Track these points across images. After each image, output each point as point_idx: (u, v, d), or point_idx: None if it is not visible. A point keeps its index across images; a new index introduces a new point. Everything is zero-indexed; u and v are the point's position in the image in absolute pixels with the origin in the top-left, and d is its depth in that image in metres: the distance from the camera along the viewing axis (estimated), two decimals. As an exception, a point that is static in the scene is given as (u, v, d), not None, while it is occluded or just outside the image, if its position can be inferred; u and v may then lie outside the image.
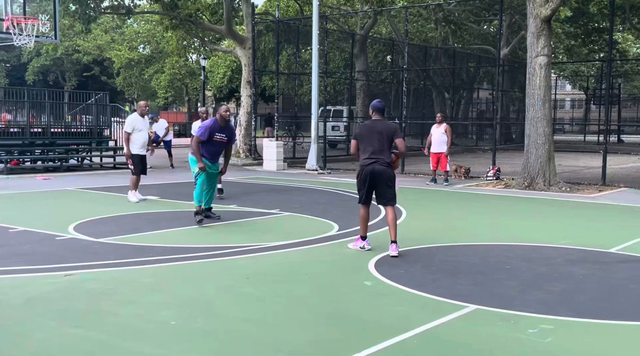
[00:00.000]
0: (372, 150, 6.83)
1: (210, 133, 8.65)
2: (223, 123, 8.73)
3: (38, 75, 51.79)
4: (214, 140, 8.72)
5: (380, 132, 6.83)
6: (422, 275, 6.02)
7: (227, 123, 8.78)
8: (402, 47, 21.89)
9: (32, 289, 5.38)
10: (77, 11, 19.82)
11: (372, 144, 6.84)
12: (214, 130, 8.68)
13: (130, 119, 10.91)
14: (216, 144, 8.79)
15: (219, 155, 9.02)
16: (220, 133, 8.73)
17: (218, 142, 8.78)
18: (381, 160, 6.82)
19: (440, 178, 14.62)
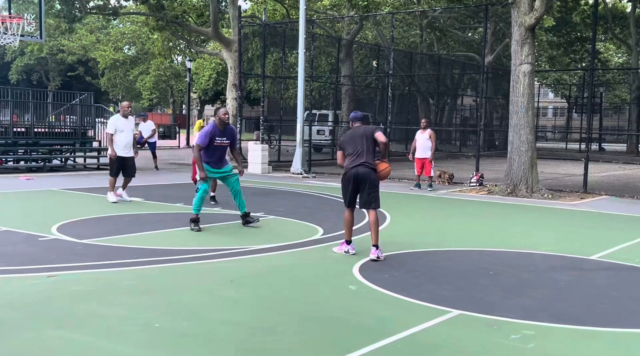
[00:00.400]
0: (355, 153, 6.95)
1: (210, 138, 8.45)
2: (222, 126, 8.53)
3: (22, 75, 51.29)
4: (215, 145, 8.53)
5: (361, 136, 7.01)
6: (405, 280, 6.06)
7: (226, 126, 8.58)
8: (388, 53, 22.01)
9: (13, 290, 5.33)
10: (62, 11, 19.68)
11: (355, 148, 6.97)
12: (214, 135, 8.47)
13: (112, 120, 10.84)
14: (219, 149, 8.60)
15: (221, 159, 8.76)
16: (221, 137, 8.53)
17: (220, 147, 8.59)
18: (365, 163, 6.93)
19: (424, 183, 14.70)
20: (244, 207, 8.77)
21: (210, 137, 8.46)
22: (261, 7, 27.53)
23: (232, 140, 8.73)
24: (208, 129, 8.59)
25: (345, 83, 26.91)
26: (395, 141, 28.04)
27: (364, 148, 6.96)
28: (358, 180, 6.94)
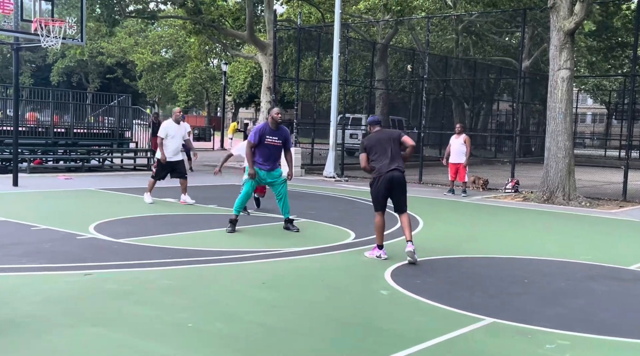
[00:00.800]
0: (387, 157, 6.94)
1: (260, 135, 8.39)
2: (274, 126, 8.44)
3: (62, 76, 52.55)
4: (265, 143, 8.42)
5: (388, 139, 7.05)
6: (438, 286, 6.00)
7: (278, 125, 8.48)
8: (423, 57, 21.88)
9: (52, 287, 5.45)
10: (102, 14, 20.10)
11: (384, 153, 6.96)
12: (264, 133, 8.40)
13: (164, 125, 10.99)
14: (269, 147, 8.46)
15: (274, 159, 8.61)
16: (272, 136, 8.42)
17: (271, 145, 8.45)
18: (400, 167, 6.98)
19: (458, 189, 14.55)
20: (288, 213, 8.72)
21: (260, 134, 8.39)
22: (296, 11, 27.69)
23: (284, 141, 8.59)
24: (259, 127, 8.57)
25: (380, 87, 26.84)
26: (429, 146, 27.82)
27: (394, 152, 6.97)
28: (393, 185, 6.92)
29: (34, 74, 53.83)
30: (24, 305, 4.90)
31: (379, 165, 6.96)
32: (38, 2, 11.95)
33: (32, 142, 17.24)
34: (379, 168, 6.96)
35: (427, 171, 18.52)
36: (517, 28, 27.55)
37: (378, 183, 6.99)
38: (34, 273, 5.91)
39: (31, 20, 11.78)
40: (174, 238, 7.85)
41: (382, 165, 6.94)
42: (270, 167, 8.57)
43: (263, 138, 8.41)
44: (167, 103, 60.33)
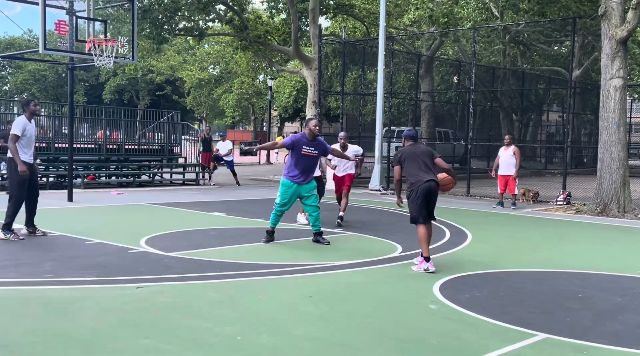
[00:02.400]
0: (422, 170, 7.11)
1: (294, 143, 8.37)
2: (311, 137, 8.45)
3: (114, 94, 54.18)
4: (302, 154, 8.38)
5: (422, 153, 7.25)
6: (488, 301, 5.89)
7: (315, 137, 8.47)
8: (469, 68, 21.65)
9: (105, 300, 5.60)
10: (151, 33, 20.68)
11: (419, 166, 7.14)
12: (300, 143, 8.39)
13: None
14: (306, 158, 8.43)
15: (311, 171, 8.58)
16: (309, 147, 8.42)
17: (307, 156, 8.43)
18: (435, 179, 7.14)
19: (507, 201, 14.28)
20: (318, 227, 8.69)
21: (294, 141, 8.40)
22: (341, 25, 27.85)
23: (322, 152, 8.74)
24: (296, 136, 8.58)
25: (425, 99, 26.66)
26: (477, 158, 27.43)
27: (428, 166, 7.16)
28: (430, 195, 7.07)
29: (87, 92, 55.70)
30: (81, 317, 5.04)
31: (415, 177, 7.10)
32: (92, 23, 12.38)
33: (85, 158, 17.79)
34: (414, 180, 7.09)
35: (475, 183, 18.24)
36: (566, 37, 26.97)
37: (417, 194, 7.05)
38: (90, 286, 6.08)
39: (85, 41, 12.19)
40: (222, 251, 7.95)
41: (417, 176, 7.09)
42: (304, 179, 8.51)
43: (299, 148, 8.38)
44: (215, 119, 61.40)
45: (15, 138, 8.16)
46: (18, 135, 8.18)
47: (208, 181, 19.18)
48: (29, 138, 8.37)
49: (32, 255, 7.43)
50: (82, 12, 12.35)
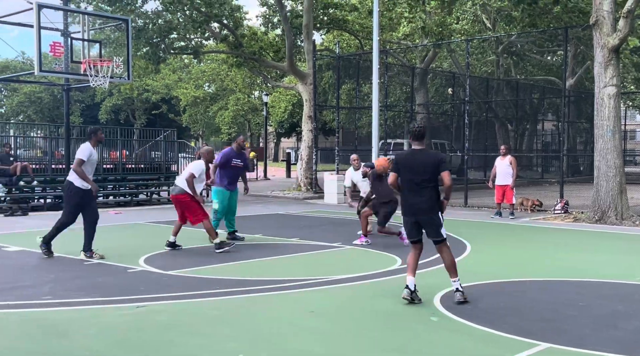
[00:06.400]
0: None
1: (226, 158, 9.86)
2: (239, 150, 10.04)
3: (110, 114, 54.18)
4: (231, 166, 9.88)
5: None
6: (489, 311, 5.88)
7: (241, 150, 10.06)
8: (464, 80, 21.78)
9: (105, 320, 5.58)
10: (147, 53, 20.78)
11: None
12: (230, 157, 9.91)
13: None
14: (235, 170, 9.98)
15: (237, 179, 10.17)
16: (237, 159, 9.96)
17: (236, 168, 9.97)
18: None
19: (505, 211, 14.30)
20: (233, 227, 10.14)
21: (227, 158, 9.87)
22: (335, 40, 28.03)
23: (245, 164, 10.17)
24: (226, 151, 10.07)
25: (420, 111, 26.77)
26: (474, 168, 27.47)
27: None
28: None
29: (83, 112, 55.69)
30: (81, 338, 5.02)
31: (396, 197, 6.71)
32: (87, 44, 12.46)
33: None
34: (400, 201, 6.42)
35: (472, 194, 18.26)
36: (559, 47, 27.18)
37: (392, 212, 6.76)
38: (89, 306, 6.05)
39: (80, 62, 12.27)
40: (221, 268, 7.94)
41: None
42: (234, 186, 10.12)
43: (229, 162, 9.89)
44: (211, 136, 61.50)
45: (80, 162, 8.26)
46: (84, 160, 8.29)
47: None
48: (92, 164, 8.58)
49: (31, 276, 7.40)
50: (77, 34, 12.43)
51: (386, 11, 22.79)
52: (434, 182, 6.09)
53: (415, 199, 6.10)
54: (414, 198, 6.11)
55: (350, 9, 24.99)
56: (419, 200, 6.08)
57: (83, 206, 8.52)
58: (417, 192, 6.08)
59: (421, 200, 6.07)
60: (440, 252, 6.27)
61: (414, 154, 6.16)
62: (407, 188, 6.15)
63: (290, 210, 15.90)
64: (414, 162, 6.10)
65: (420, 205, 6.08)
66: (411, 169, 6.09)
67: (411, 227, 6.23)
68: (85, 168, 8.39)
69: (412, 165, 6.09)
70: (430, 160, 6.08)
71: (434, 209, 6.11)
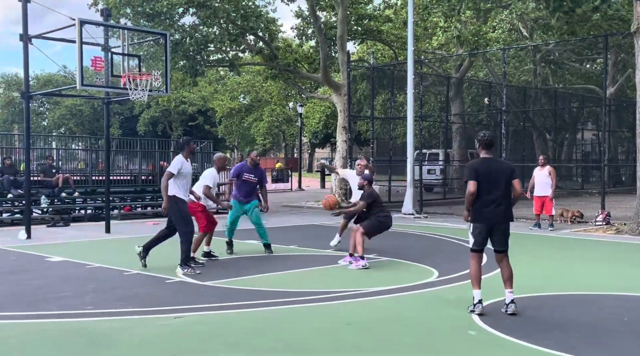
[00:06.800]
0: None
1: (238, 172, 9.84)
2: (252, 165, 9.88)
3: (148, 126, 55.19)
4: (243, 180, 9.79)
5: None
6: (529, 326, 5.76)
7: (256, 166, 9.90)
8: (500, 89, 21.53)
9: (146, 330, 5.66)
10: (185, 66, 21.13)
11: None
12: (242, 170, 9.85)
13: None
14: (247, 183, 9.86)
15: (251, 194, 9.99)
16: (249, 173, 9.84)
17: (248, 182, 9.84)
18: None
19: (544, 223, 14.03)
20: (266, 238, 10.07)
21: (238, 170, 9.87)
22: (369, 50, 28.06)
23: (260, 179, 9.96)
24: (238, 164, 10.05)
25: (456, 121, 26.55)
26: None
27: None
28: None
29: (122, 124, 56.86)
30: (122, 349, 5.10)
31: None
32: (127, 58, 12.72)
33: (122, 190, 18.11)
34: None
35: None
36: (598, 55, 26.67)
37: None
38: (129, 317, 6.15)
39: (120, 76, 12.52)
40: (257, 279, 7.98)
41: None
42: (247, 200, 9.95)
43: (241, 175, 9.83)
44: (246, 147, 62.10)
45: (169, 175, 8.18)
46: (173, 173, 8.20)
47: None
48: (185, 176, 8.43)
49: (72, 286, 7.56)
50: (117, 48, 12.71)
51: (421, 21, 22.73)
52: (509, 190, 6.19)
53: (493, 207, 6.14)
54: (492, 206, 6.14)
55: (384, 20, 24.99)
56: (497, 207, 6.14)
57: (188, 214, 8.47)
58: (495, 200, 6.13)
59: (500, 208, 6.14)
60: (500, 262, 6.30)
61: (488, 162, 6.23)
62: (487, 196, 6.15)
63: (325, 220, 15.90)
64: (491, 170, 6.16)
65: (499, 213, 6.16)
66: (489, 177, 6.13)
67: (484, 235, 6.21)
68: (179, 182, 8.27)
69: (490, 173, 6.15)
70: (505, 168, 6.24)
71: (509, 218, 6.24)
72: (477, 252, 6.31)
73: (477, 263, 6.28)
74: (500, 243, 6.26)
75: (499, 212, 6.16)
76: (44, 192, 15.92)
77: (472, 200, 6.14)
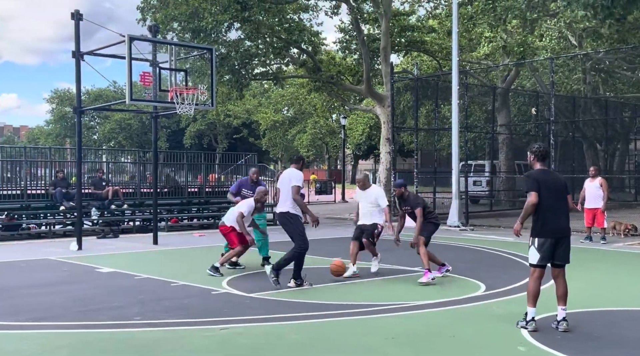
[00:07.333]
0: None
1: (238, 187, 10.25)
2: (252, 182, 10.22)
3: (194, 139, 56.22)
4: (241, 195, 10.01)
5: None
6: (580, 342, 5.58)
7: (255, 183, 10.21)
8: (548, 99, 21.08)
9: (191, 341, 5.72)
10: (230, 80, 21.47)
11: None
12: (242, 186, 10.22)
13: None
14: (244, 199, 9.89)
15: None
16: (248, 190, 10.09)
17: (246, 197, 9.92)
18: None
19: (596, 235, 13.61)
20: (266, 252, 9.97)
21: (238, 185, 10.31)
22: (413, 62, 27.92)
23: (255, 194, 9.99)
24: (241, 180, 10.66)
25: (502, 132, 26.11)
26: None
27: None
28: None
29: (169, 138, 58.09)
30: (167, 359, 5.17)
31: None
32: (174, 73, 12.99)
33: (168, 202, 18.44)
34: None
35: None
36: (651, 62, 25.82)
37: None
38: (175, 327, 6.23)
39: (167, 90, 12.78)
40: (303, 291, 7.98)
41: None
42: None
43: (240, 190, 10.14)
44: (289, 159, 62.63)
45: (298, 189, 8.26)
46: (300, 187, 8.33)
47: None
48: None
49: (121, 297, 7.71)
50: (165, 63, 12.99)
51: (466, 32, 22.51)
52: (567, 203, 6.09)
53: (559, 219, 5.98)
54: (557, 218, 5.98)
55: (428, 30, 24.86)
56: (562, 219, 6.00)
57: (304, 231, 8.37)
58: (558, 212, 5.99)
59: (565, 220, 6.02)
60: (558, 277, 6.11)
61: (547, 174, 6.12)
62: (549, 208, 5.95)
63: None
64: (552, 182, 6.04)
65: (565, 225, 6.02)
66: (550, 189, 5.98)
67: (550, 250, 5.98)
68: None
69: (551, 184, 6.01)
70: (562, 180, 6.19)
71: (570, 230, 6.12)
72: (540, 268, 6.07)
73: (538, 280, 6.06)
74: (563, 257, 6.06)
75: (564, 225, 6.01)
76: (95, 204, 16.36)
77: (532, 211, 5.96)
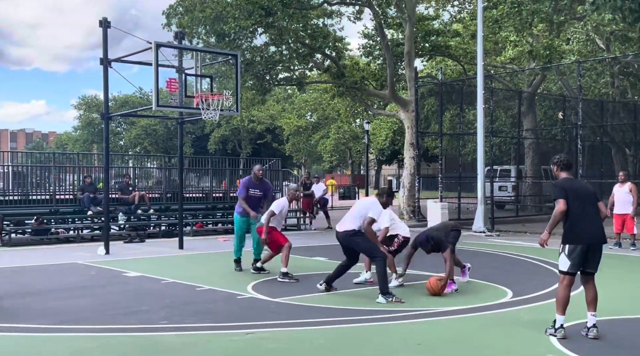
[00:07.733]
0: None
1: (245, 186, 9.99)
2: (256, 179, 9.99)
3: (219, 145, 56.61)
4: (249, 195, 9.90)
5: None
6: (610, 350, 5.49)
7: (260, 180, 9.99)
8: (575, 103, 20.80)
9: (218, 345, 5.75)
10: (254, 85, 21.60)
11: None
12: (247, 186, 9.96)
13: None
14: (251, 198, 9.94)
15: (255, 208, 9.91)
16: (254, 188, 9.95)
17: (252, 197, 9.92)
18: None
19: (625, 242, 13.36)
20: (259, 254, 9.95)
21: (243, 185, 10.05)
22: (437, 66, 27.79)
23: (264, 192, 10.06)
24: (244, 180, 10.19)
25: (529, 136, 25.82)
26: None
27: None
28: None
29: (193, 143, 58.56)
30: (194, 363, 5.19)
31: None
32: (199, 79, 13.10)
33: (194, 207, 18.59)
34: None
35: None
36: (681, 65, 25.32)
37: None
38: (202, 332, 6.26)
39: (193, 96, 12.89)
40: (327, 296, 7.97)
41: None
42: None
43: (247, 190, 9.94)
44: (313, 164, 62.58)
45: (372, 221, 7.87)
46: (375, 220, 7.94)
47: (309, 226, 19.44)
48: None
49: (148, 301, 7.78)
50: (190, 69, 13.11)
51: (491, 35, 22.34)
52: (597, 210, 6.07)
53: (588, 225, 5.96)
54: (589, 225, 5.96)
55: (452, 35, 24.71)
56: (594, 226, 5.99)
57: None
58: (588, 218, 5.97)
59: (597, 226, 6.00)
60: (586, 284, 6.09)
61: (573, 182, 6.19)
62: (578, 214, 5.95)
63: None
64: (579, 189, 6.08)
65: (598, 232, 5.99)
66: (577, 195, 6.00)
67: (581, 257, 5.94)
68: None
69: (578, 191, 6.04)
70: (589, 187, 6.22)
71: (605, 237, 6.08)
72: (570, 276, 6.00)
73: (567, 288, 6.00)
74: (594, 264, 6.02)
75: (596, 231, 5.98)
76: (122, 209, 16.55)
77: (561, 219, 5.94)
